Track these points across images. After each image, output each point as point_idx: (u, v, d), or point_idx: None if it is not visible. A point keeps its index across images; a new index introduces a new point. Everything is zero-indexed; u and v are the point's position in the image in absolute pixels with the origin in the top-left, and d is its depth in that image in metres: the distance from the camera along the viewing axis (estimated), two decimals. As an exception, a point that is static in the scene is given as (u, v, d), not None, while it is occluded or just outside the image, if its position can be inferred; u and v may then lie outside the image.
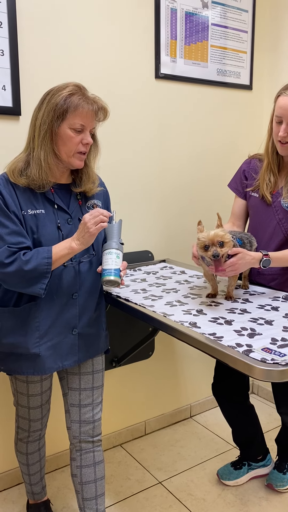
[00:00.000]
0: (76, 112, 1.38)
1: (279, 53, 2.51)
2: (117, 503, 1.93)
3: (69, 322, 1.50)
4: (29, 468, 1.72)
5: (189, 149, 2.35)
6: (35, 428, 1.66)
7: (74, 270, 1.49)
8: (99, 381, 1.63)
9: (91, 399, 1.60)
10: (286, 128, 1.62)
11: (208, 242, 1.51)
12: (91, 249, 1.52)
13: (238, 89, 2.48)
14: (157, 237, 2.31)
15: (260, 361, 1.14)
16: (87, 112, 1.39)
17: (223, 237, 1.52)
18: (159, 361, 2.41)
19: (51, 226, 1.44)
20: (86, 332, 1.55)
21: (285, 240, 1.75)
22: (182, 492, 2.00)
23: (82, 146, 1.42)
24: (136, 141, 2.16)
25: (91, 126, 1.43)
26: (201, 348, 1.29)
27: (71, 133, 1.39)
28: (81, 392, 1.59)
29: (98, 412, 1.61)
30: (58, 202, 1.47)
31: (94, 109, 1.41)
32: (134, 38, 2.06)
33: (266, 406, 2.68)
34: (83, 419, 1.58)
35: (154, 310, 1.53)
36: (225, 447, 2.31)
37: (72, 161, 1.43)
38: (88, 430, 1.58)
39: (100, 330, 1.61)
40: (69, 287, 1.49)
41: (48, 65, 1.85)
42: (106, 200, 1.65)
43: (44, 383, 1.60)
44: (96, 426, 1.60)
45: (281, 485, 1.98)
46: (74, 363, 1.54)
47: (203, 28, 2.27)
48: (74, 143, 1.40)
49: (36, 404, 1.61)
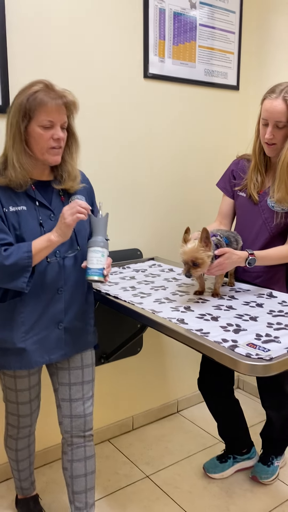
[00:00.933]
0: (42, 109, 1.38)
1: (266, 54, 2.55)
2: (105, 497, 1.96)
3: (55, 316, 1.53)
4: (18, 464, 1.74)
5: (177, 148, 2.38)
6: (24, 424, 1.67)
7: (58, 265, 1.51)
8: (89, 375, 1.64)
9: (82, 394, 1.61)
10: (272, 131, 1.66)
11: (183, 260, 1.54)
12: (75, 244, 1.54)
13: (225, 90, 2.52)
14: (146, 235, 2.34)
15: (245, 356, 1.18)
16: (52, 107, 1.38)
17: (198, 258, 1.52)
18: (147, 357, 2.45)
19: (33, 222, 1.46)
20: (72, 326, 1.57)
21: (270, 239, 1.79)
22: (169, 485, 2.04)
23: (53, 141, 1.42)
24: (125, 140, 2.18)
25: (60, 121, 1.42)
26: (189, 344, 1.32)
27: (41, 131, 1.40)
28: (71, 387, 1.61)
29: (89, 406, 1.63)
30: (40, 198, 1.48)
31: (60, 103, 1.40)
32: (123, 38, 2.08)
33: (251, 400, 2.73)
34: (74, 413, 1.60)
35: (143, 307, 1.56)
36: (211, 441, 2.36)
37: (47, 158, 1.44)
38: (80, 424, 1.60)
39: (87, 325, 1.63)
40: (54, 282, 1.51)
41: (37, 64, 1.86)
42: (90, 195, 1.66)
43: (31, 378, 1.61)
44: (87, 420, 1.62)
45: (265, 477, 2.03)
46: (61, 357, 1.56)
47: (191, 29, 2.29)
48: (44, 140, 1.41)
49: (25, 400, 1.63)
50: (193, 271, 1.53)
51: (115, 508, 1.90)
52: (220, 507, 1.91)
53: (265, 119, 1.67)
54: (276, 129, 1.66)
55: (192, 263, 1.52)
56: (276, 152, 1.72)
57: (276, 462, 2.06)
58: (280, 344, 1.26)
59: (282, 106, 1.62)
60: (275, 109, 1.62)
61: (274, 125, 1.65)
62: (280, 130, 1.66)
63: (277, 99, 1.62)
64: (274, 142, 1.69)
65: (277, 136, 1.67)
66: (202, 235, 1.54)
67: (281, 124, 1.64)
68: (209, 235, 1.55)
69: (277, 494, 1.98)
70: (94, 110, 2.05)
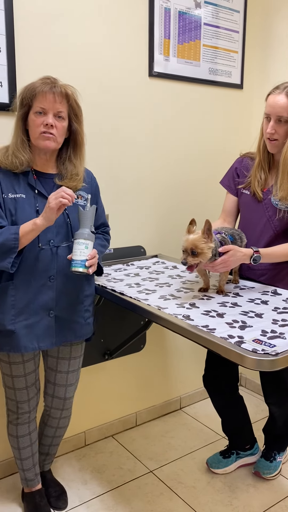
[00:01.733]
0: (36, 97, 1.48)
1: (269, 53, 2.56)
2: (110, 491, 1.98)
3: (46, 304, 1.58)
4: (20, 452, 1.77)
5: (181, 146, 2.39)
6: (22, 410, 1.71)
7: (51, 253, 1.56)
8: (75, 365, 1.77)
9: (65, 381, 1.77)
10: (273, 125, 1.68)
11: (183, 247, 1.56)
12: (70, 236, 1.60)
13: (229, 88, 2.53)
14: (149, 232, 2.35)
15: (251, 352, 1.20)
16: (45, 95, 1.48)
17: (198, 247, 1.53)
18: (150, 354, 2.47)
19: (30, 210, 1.54)
20: (63, 316, 1.62)
21: (275, 237, 1.80)
22: (173, 480, 2.06)
23: (44, 127, 1.50)
24: (130, 138, 2.19)
25: (53, 109, 1.50)
26: (195, 340, 1.34)
27: (34, 117, 1.50)
28: (57, 374, 1.76)
29: (71, 391, 1.80)
30: (39, 188, 1.56)
31: (54, 91, 1.48)
32: (128, 37, 2.10)
33: (253, 397, 2.75)
34: (56, 395, 1.79)
35: (148, 303, 1.58)
36: (213, 437, 2.38)
37: (38, 143, 1.52)
38: (59, 404, 1.80)
39: (80, 317, 1.67)
40: (46, 270, 1.56)
41: (44, 63, 1.88)
42: (94, 193, 1.71)
43: (26, 364, 1.65)
44: (66, 402, 1.81)
45: (268, 472, 2.05)
46: (51, 345, 1.62)
47: (195, 27, 2.31)
48: (36, 125, 1.50)
49: (21, 386, 1.67)
50: (190, 259, 1.53)
51: (119, 502, 1.92)
52: (223, 502, 1.93)
53: (268, 113, 1.69)
54: (278, 124, 1.68)
55: (191, 251, 1.54)
56: (278, 149, 1.74)
57: (278, 457, 2.08)
58: (286, 340, 1.28)
59: (284, 100, 1.64)
60: (278, 103, 1.65)
61: (276, 119, 1.67)
62: (282, 126, 1.67)
63: (281, 94, 1.66)
64: (275, 138, 1.71)
65: (279, 131, 1.68)
66: (205, 227, 1.56)
67: (283, 119, 1.66)
68: (211, 227, 1.57)
69: (279, 489, 2.00)
70: (99, 108, 2.07)
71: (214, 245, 1.58)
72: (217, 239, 1.63)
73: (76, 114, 1.57)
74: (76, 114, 1.57)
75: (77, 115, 1.58)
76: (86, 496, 1.95)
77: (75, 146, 1.61)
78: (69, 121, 1.56)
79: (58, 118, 1.51)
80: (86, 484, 2.03)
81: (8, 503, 1.92)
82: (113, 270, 2.04)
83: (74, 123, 1.58)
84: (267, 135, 1.72)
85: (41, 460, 1.91)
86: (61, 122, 1.53)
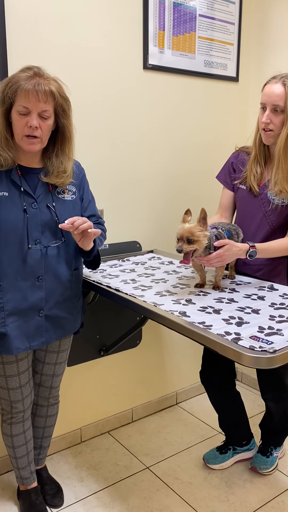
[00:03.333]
0: (19, 95, 1.39)
1: (265, 45, 2.53)
2: (106, 488, 1.98)
3: (36, 304, 1.55)
4: (15, 451, 1.76)
5: (176, 140, 2.37)
6: (16, 409, 1.69)
7: (40, 253, 1.52)
8: (63, 357, 1.78)
9: (52, 372, 1.78)
10: (269, 114, 1.66)
11: (179, 235, 1.54)
12: (59, 235, 1.55)
13: (225, 81, 2.50)
14: (145, 228, 2.33)
15: (248, 349, 1.19)
16: (28, 94, 1.38)
17: (193, 234, 1.52)
18: (146, 349, 2.45)
19: (14, 208, 1.48)
20: (53, 315, 1.61)
21: (271, 232, 1.79)
22: (169, 476, 2.05)
23: (27, 129, 1.41)
24: (124, 131, 2.16)
25: (37, 109, 1.40)
26: (192, 337, 1.32)
27: (17, 116, 1.42)
28: (44, 366, 1.76)
29: (57, 381, 1.81)
30: (24, 186, 1.50)
31: (38, 90, 1.38)
32: (122, 29, 2.06)
33: (250, 392, 2.75)
34: (42, 384, 1.80)
35: (144, 300, 1.56)
36: (210, 432, 2.37)
37: (22, 145, 1.46)
38: (45, 392, 1.81)
39: (69, 314, 1.66)
40: (34, 270, 1.53)
41: (37, 55, 1.84)
42: (82, 184, 1.66)
43: (20, 364, 1.63)
44: (52, 391, 1.82)
45: (264, 467, 2.05)
46: (42, 344, 1.61)
47: (190, 19, 2.27)
48: (19, 126, 1.42)
49: (15, 385, 1.65)
50: (185, 246, 1.51)
51: (116, 498, 1.91)
52: (220, 498, 1.92)
53: (264, 103, 1.68)
54: (273, 114, 1.66)
55: (187, 239, 1.52)
56: (273, 140, 1.71)
57: (275, 453, 2.08)
58: (283, 336, 1.26)
59: (281, 89, 1.63)
60: (274, 92, 1.63)
61: (271, 109, 1.65)
62: (277, 116, 1.65)
63: (277, 83, 1.65)
64: (271, 128, 1.69)
65: (274, 121, 1.66)
66: (200, 216, 1.55)
67: (279, 108, 1.64)
68: (206, 216, 1.56)
69: (276, 485, 2.00)
70: (93, 101, 2.04)
71: (210, 234, 1.57)
72: (212, 233, 1.62)
73: (63, 109, 1.48)
74: (63, 110, 1.48)
75: (64, 110, 1.48)
76: (83, 493, 1.95)
77: (62, 141, 1.53)
78: (55, 116, 1.48)
79: (42, 118, 1.42)
80: (82, 481, 2.02)
81: (4, 501, 1.91)
82: (109, 266, 2.02)
83: (62, 119, 1.49)
84: (262, 125, 1.70)
85: (35, 454, 1.90)
86: (46, 122, 1.43)
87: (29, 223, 1.49)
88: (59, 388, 1.84)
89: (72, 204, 1.60)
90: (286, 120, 1.65)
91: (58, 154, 1.54)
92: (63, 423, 2.21)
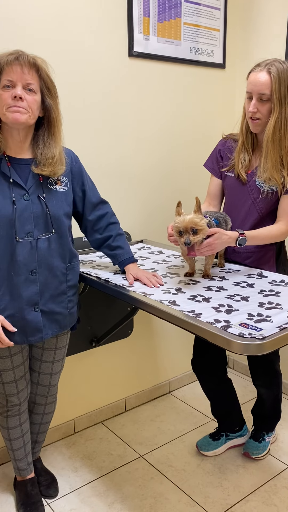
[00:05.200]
0: (3, 70, 1.38)
1: (252, 31, 2.51)
2: (100, 477, 1.99)
3: (30, 298, 1.53)
4: (11, 443, 1.76)
5: (163, 128, 2.35)
6: (12, 403, 1.69)
7: (30, 246, 1.50)
8: (60, 355, 1.76)
9: (50, 370, 1.76)
10: (255, 104, 1.65)
11: (182, 228, 1.53)
12: (50, 227, 1.53)
13: (212, 68, 2.48)
14: (134, 218, 2.32)
15: (238, 336, 1.19)
16: (10, 65, 1.37)
17: (198, 224, 1.53)
18: (138, 339, 2.46)
19: (4, 200, 1.45)
20: (49, 309, 1.59)
21: (260, 219, 1.79)
22: (163, 464, 2.07)
23: (12, 100, 1.39)
24: (110, 121, 2.14)
25: (22, 81, 1.39)
26: (181, 325, 1.32)
27: (1, 92, 1.39)
28: (41, 364, 1.75)
29: (55, 379, 1.80)
30: (14, 177, 1.47)
31: (17, 61, 1.37)
32: (106, 15, 2.03)
33: (241, 379, 2.77)
34: (40, 383, 1.78)
35: (134, 290, 1.55)
36: (203, 420, 2.39)
37: (6, 118, 1.41)
38: (43, 391, 1.80)
39: (65, 308, 1.64)
40: (27, 263, 1.50)
41: (18, 44, 1.81)
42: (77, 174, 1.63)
43: (14, 358, 1.62)
44: (51, 389, 1.81)
45: (257, 453, 2.07)
46: (40, 339, 1.59)
47: (175, 5, 2.24)
48: (3, 99, 1.40)
49: (10, 379, 1.64)
50: (192, 238, 1.53)
51: (110, 488, 1.93)
52: (213, 484, 1.95)
53: (250, 91, 1.66)
54: (260, 103, 1.65)
55: (191, 230, 1.53)
56: (261, 128, 1.71)
57: (267, 438, 2.11)
58: (272, 323, 1.27)
59: (266, 77, 1.61)
60: (259, 80, 1.61)
61: (258, 97, 1.64)
62: (264, 104, 1.64)
63: (262, 71, 1.62)
64: (258, 117, 1.68)
65: (261, 110, 1.65)
66: (196, 205, 1.56)
67: (265, 97, 1.62)
68: (200, 204, 1.57)
69: (268, 469, 2.03)
70: (78, 90, 2.01)
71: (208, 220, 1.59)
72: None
73: (48, 87, 1.45)
74: (49, 88, 1.45)
75: (49, 89, 1.45)
76: (77, 483, 1.96)
77: (49, 125, 1.49)
78: (41, 96, 1.45)
79: (28, 91, 1.39)
80: (76, 471, 2.03)
81: (0, 491, 1.92)
82: (98, 257, 2.01)
83: (47, 98, 1.45)
84: (249, 114, 1.68)
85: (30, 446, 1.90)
86: (31, 95, 1.40)
87: (20, 215, 1.47)
88: (57, 387, 1.83)
89: (65, 195, 1.58)
90: (273, 108, 1.63)
91: (45, 139, 1.49)
92: (56, 415, 2.21)
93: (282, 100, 1.62)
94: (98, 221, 1.72)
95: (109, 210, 1.75)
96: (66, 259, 1.61)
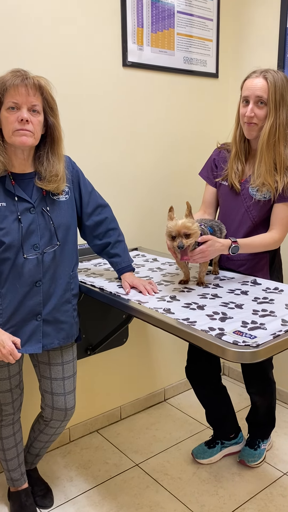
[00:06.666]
0: (8, 92, 1.39)
1: (244, 41, 2.54)
2: (96, 486, 1.98)
3: (33, 309, 1.54)
4: (5, 453, 1.75)
5: (158, 136, 2.37)
6: (6, 412, 1.68)
7: (37, 261, 1.51)
8: (69, 371, 1.70)
9: (63, 389, 1.69)
10: (252, 108, 1.68)
11: (175, 232, 1.55)
12: (55, 240, 1.54)
13: (205, 77, 2.51)
14: (129, 225, 2.33)
15: (232, 344, 1.20)
16: (16, 89, 1.38)
17: (190, 228, 1.55)
18: (133, 347, 2.46)
19: (12, 217, 1.47)
20: (51, 319, 1.58)
21: (253, 227, 1.80)
22: (159, 472, 2.06)
23: (18, 123, 1.40)
24: (105, 128, 2.16)
25: (27, 103, 1.40)
26: (176, 333, 1.33)
27: (6, 114, 1.40)
28: (52, 382, 1.69)
29: (71, 400, 1.71)
30: (19, 193, 1.48)
31: (26, 84, 1.38)
32: (101, 26, 2.05)
33: (236, 386, 2.77)
34: (56, 406, 1.70)
35: (128, 298, 1.56)
36: (198, 427, 2.39)
37: (14, 140, 1.42)
38: (60, 415, 1.71)
39: (68, 317, 1.64)
40: (32, 276, 1.51)
41: (13, 54, 1.82)
42: (76, 181, 1.65)
43: (11, 367, 1.62)
44: (68, 413, 1.72)
45: (252, 460, 2.07)
46: (39, 349, 1.57)
47: (169, 16, 2.27)
48: (9, 122, 1.40)
49: (5, 388, 1.64)
50: (185, 241, 1.54)
51: (106, 497, 1.92)
52: (209, 492, 1.94)
53: (247, 96, 1.69)
54: (257, 107, 1.67)
55: (184, 234, 1.54)
56: (255, 133, 1.73)
57: (262, 445, 2.11)
58: (266, 330, 1.28)
59: (263, 83, 1.65)
60: (257, 85, 1.65)
61: (255, 101, 1.67)
62: (261, 109, 1.67)
63: (258, 77, 1.67)
64: (254, 122, 1.70)
65: (258, 114, 1.68)
66: (187, 210, 1.58)
67: (263, 100, 1.66)
68: (191, 209, 1.59)
69: (264, 477, 2.03)
70: (73, 100, 2.02)
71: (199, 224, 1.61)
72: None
73: (51, 107, 1.48)
74: (52, 108, 1.48)
75: (52, 109, 1.48)
76: (72, 493, 1.94)
77: (52, 143, 1.52)
78: (44, 115, 1.47)
79: (33, 112, 1.41)
80: (72, 480, 2.02)
81: (-7, 504, 1.90)
82: (93, 264, 2.01)
83: (50, 117, 1.48)
84: (246, 118, 1.71)
85: (30, 459, 1.88)
86: (36, 117, 1.42)
87: (27, 229, 1.48)
88: (74, 410, 1.74)
89: (67, 204, 1.59)
90: (269, 113, 1.66)
91: (49, 156, 1.51)
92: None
93: (277, 106, 1.65)
94: (96, 226, 1.72)
95: (108, 215, 1.74)
96: (71, 268, 1.62)
